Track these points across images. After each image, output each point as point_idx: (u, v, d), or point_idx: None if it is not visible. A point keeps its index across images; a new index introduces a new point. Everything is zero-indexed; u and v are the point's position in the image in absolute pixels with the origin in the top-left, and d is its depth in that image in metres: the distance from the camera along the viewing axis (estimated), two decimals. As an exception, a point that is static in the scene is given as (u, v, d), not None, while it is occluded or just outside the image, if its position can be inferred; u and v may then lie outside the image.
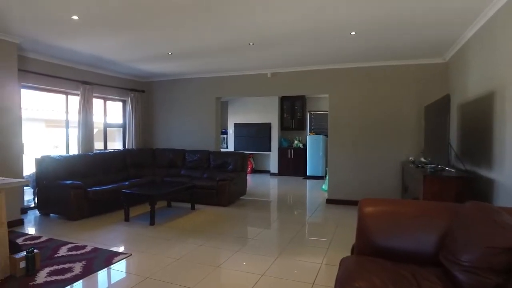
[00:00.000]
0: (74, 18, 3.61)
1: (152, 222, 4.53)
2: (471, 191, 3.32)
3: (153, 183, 6.05)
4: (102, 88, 6.54)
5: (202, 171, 6.49)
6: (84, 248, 3.57)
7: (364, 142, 5.76)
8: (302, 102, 10.01)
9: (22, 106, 4.93)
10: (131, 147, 7.20)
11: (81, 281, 2.83)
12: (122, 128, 7.39)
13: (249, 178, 8.07)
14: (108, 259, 3.27)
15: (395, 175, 5.58)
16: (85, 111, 5.99)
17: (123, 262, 3.23)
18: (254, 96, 7.87)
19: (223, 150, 8.38)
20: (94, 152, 6.04)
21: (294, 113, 10.09)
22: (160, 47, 4.89)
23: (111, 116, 7.12)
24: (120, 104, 7.32)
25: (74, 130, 6.05)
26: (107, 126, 6.93)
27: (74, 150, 6.07)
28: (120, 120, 7.35)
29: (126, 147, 7.24)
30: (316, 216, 5.24)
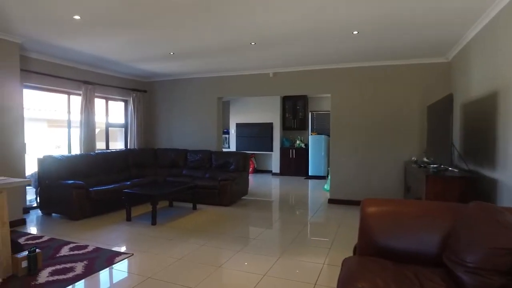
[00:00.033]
0: (75, 18, 3.62)
1: (153, 222, 4.53)
2: (474, 191, 3.31)
3: (155, 183, 6.05)
4: (104, 88, 6.56)
5: (204, 171, 6.49)
6: (86, 247, 3.57)
7: (366, 142, 5.74)
8: (304, 102, 9.99)
9: (25, 106, 4.94)
10: (133, 147, 7.21)
11: (82, 281, 2.83)
12: (124, 128, 7.41)
13: (251, 178, 8.08)
14: (109, 259, 3.27)
15: (397, 175, 5.56)
16: (87, 111, 6.00)
17: (125, 262, 3.24)
18: (256, 96, 7.86)
19: (225, 150, 8.38)
20: (96, 152, 6.04)
21: (296, 113, 10.07)
22: (162, 47, 4.89)
23: (113, 116, 7.13)
24: (122, 104, 7.33)
25: (76, 130, 6.06)
26: (109, 126, 6.94)
27: (76, 150, 6.09)
28: (122, 120, 7.36)
29: (128, 147, 7.26)
30: (318, 216, 5.23)
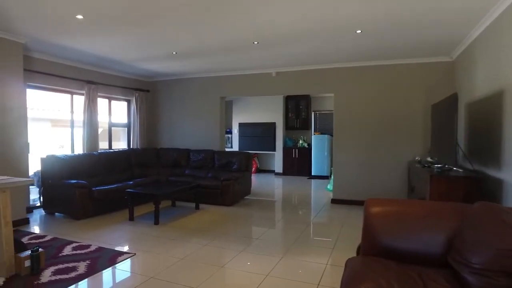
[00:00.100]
0: (78, 17, 3.62)
1: (156, 222, 4.53)
2: (479, 191, 3.27)
3: (157, 183, 6.05)
4: (107, 87, 6.57)
5: (206, 171, 6.48)
6: (88, 247, 3.57)
7: (370, 141, 5.71)
8: (307, 101, 9.96)
9: (28, 106, 4.96)
10: (135, 146, 7.22)
11: (85, 280, 2.83)
12: (126, 128, 7.42)
13: (253, 177, 8.06)
14: (112, 258, 3.27)
15: (401, 175, 5.52)
16: (90, 111, 6.01)
17: (127, 262, 3.23)
18: (258, 95, 7.85)
19: (227, 150, 8.38)
20: (99, 151, 6.05)
21: (299, 112, 10.05)
22: (165, 47, 4.89)
23: (116, 115, 7.14)
24: (124, 103, 7.34)
25: (79, 130, 6.08)
26: (112, 125, 6.95)
27: (79, 150, 6.10)
28: (124, 120, 7.37)
29: (131, 147, 7.27)
30: (321, 216, 5.20)
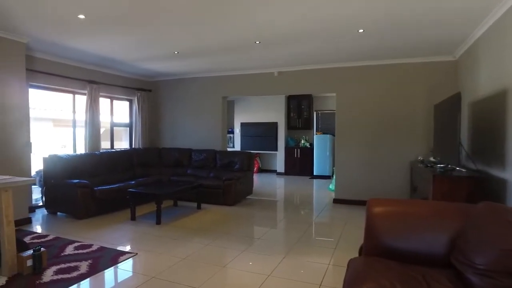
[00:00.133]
0: (80, 17, 3.62)
1: (158, 221, 4.53)
2: (482, 191, 3.25)
3: (159, 182, 6.06)
4: (109, 87, 6.57)
5: (208, 171, 6.48)
6: (90, 247, 3.57)
7: (372, 141, 5.69)
8: (309, 101, 9.94)
9: (30, 106, 4.97)
10: (137, 146, 7.22)
11: (87, 280, 2.83)
12: (128, 128, 7.43)
13: (255, 177, 8.04)
14: (114, 258, 3.27)
15: (403, 175, 5.50)
16: (92, 111, 6.02)
17: (129, 261, 3.23)
18: (260, 95, 7.84)
19: (229, 150, 8.36)
20: (101, 151, 6.06)
21: (301, 112, 10.03)
22: (166, 46, 4.88)
23: (118, 115, 7.15)
24: (126, 103, 7.35)
25: (81, 130, 6.09)
26: (113, 125, 6.96)
27: (81, 149, 6.11)
28: (126, 120, 7.38)
29: (133, 147, 7.27)
30: (323, 216, 5.19)
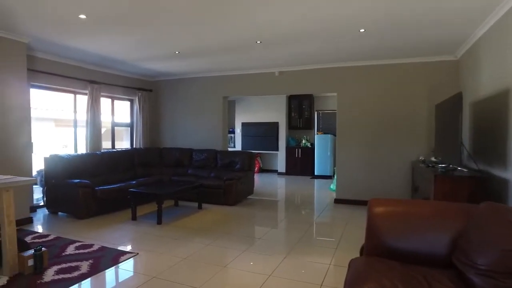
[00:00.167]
0: (81, 17, 3.62)
1: (159, 221, 4.53)
2: (484, 191, 3.24)
3: (160, 182, 6.06)
4: (110, 87, 6.58)
5: (209, 170, 6.48)
6: (91, 246, 3.58)
7: (373, 141, 5.68)
8: (310, 101, 9.93)
9: (32, 106, 4.97)
10: (138, 146, 7.23)
11: (88, 279, 2.83)
12: (129, 127, 7.43)
13: (256, 177, 8.04)
14: (115, 258, 3.27)
15: (404, 175, 5.49)
16: (93, 111, 6.03)
17: (130, 261, 3.23)
18: (261, 95, 7.82)
19: (230, 150, 8.36)
20: (102, 151, 6.06)
21: (302, 112, 10.02)
22: (167, 46, 4.88)
23: (119, 115, 7.16)
24: (127, 103, 7.35)
25: (82, 130, 6.09)
26: (114, 125, 6.97)
27: (82, 149, 6.12)
28: (127, 119, 7.39)
29: (134, 146, 7.28)
30: (324, 216, 5.18)
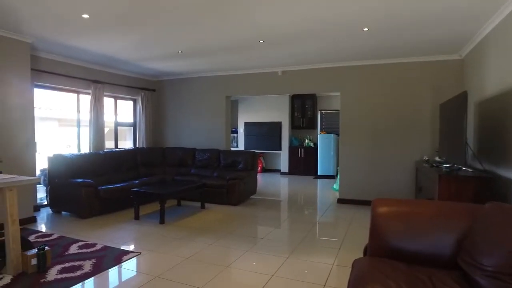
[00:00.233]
0: (84, 16, 3.63)
1: (162, 221, 4.53)
2: (489, 191, 3.20)
3: (163, 182, 6.06)
4: (113, 87, 6.59)
5: (212, 170, 6.48)
6: (94, 246, 3.58)
7: (377, 141, 5.65)
8: (313, 100, 9.91)
9: (36, 105, 5.00)
10: (141, 146, 7.24)
11: (91, 279, 2.83)
12: (132, 127, 7.44)
13: (259, 177, 8.04)
14: (117, 257, 3.27)
15: (408, 175, 5.45)
16: (96, 110, 6.04)
17: (133, 261, 3.23)
18: (264, 94, 7.80)
19: (233, 149, 8.36)
20: (105, 150, 6.08)
21: (305, 111, 10.00)
22: (170, 46, 4.88)
23: (122, 115, 7.17)
24: (130, 103, 7.37)
25: (85, 129, 6.11)
26: (117, 125, 6.98)
27: (85, 149, 6.13)
28: (130, 119, 7.40)
29: (137, 146, 7.29)
30: (327, 216, 5.16)
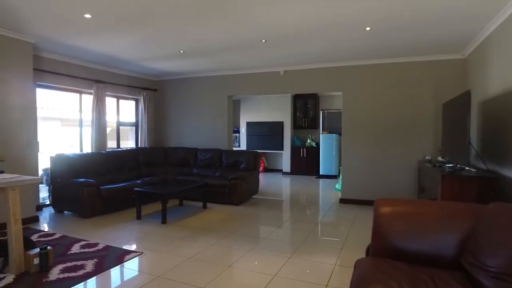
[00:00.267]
0: (86, 16, 3.63)
1: (164, 221, 4.53)
2: (493, 191, 3.19)
3: (165, 182, 6.06)
4: (115, 87, 6.60)
5: (214, 170, 6.47)
6: (96, 245, 3.59)
7: (379, 140, 5.63)
8: (315, 100, 9.89)
9: (38, 105, 5.01)
10: (143, 145, 7.25)
11: (93, 278, 2.84)
12: (134, 127, 7.45)
13: (261, 177, 8.03)
14: (119, 257, 3.28)
15: (411, 175, 5.43)
16: (98, 110, 6.05)
17: (135, 260, 3.23)
18: (266, 94, 7.78)
19: (235, 149, 8.36)
20: (107, 150, 6.09)
21: (307, 111, 9.97)
22: (172, 46, 4.88)
23: (124, 114, 7.18)
24: (132, 102, 7.38)
25: (87, 129, 6.12)
26: (120, 124, 6.99)
27: (87, 149, 6.15)
28: (132, 119, 7.41)
29: (139, 146, 7.30)
30: (329, 215, 5.15)
